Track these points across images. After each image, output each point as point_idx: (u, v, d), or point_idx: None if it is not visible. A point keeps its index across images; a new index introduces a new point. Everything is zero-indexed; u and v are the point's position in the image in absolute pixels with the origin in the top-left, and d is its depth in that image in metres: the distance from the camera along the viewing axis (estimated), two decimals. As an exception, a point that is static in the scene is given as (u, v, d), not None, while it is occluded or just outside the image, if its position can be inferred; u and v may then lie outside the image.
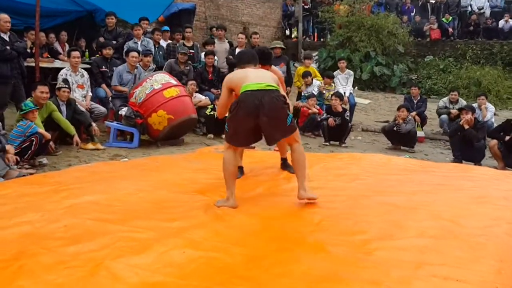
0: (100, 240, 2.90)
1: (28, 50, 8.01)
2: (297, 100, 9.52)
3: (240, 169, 4.81)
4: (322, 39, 18.11)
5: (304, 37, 17.94)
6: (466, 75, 14.96)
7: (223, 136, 4.34)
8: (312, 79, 9.40)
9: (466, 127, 6.77)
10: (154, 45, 9.19)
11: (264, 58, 4.38)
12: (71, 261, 2.60)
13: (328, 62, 15.54)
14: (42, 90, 5.83)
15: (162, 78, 6.99)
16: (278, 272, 2.51)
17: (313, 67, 10.44)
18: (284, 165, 5.09)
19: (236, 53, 4.55)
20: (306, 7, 17.61)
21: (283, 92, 3.98)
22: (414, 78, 15.82)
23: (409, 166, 5.54)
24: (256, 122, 3.60)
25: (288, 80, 9.15)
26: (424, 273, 2.47)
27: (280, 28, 18.19)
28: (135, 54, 7.54)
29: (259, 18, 16.88)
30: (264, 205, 3.75)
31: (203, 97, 8.18)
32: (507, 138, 6.44)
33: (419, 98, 9.56)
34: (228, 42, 10.14)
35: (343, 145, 7.96)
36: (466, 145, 6.85)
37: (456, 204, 3.77)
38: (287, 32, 18.67)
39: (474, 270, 2.49)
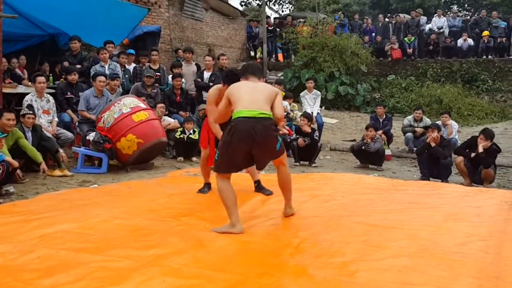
0: (75, 271, 2.82)
1: (-10, 76, 7.81)
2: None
3: (208, 185, 5.05)
4: (287, 60, 18.33)
5: (269, 58, 18.12)
6: (427, 93, 15.40)
7: (212, 166, 4.33)
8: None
9: (433, 144, 6.93)
10: (120, 68, 9.11)
11: (233, 80, 4.36)
12: (47, 295, 2.52)
13: (293, 82, 15.73)
14: (8, 118, 5.68)
15: (131, 102, 6.92)
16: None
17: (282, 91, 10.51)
18: (259, 187, 5.11)
19: (243, 64, 4.64)
20: (270, 28, 17.81)
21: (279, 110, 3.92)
22: (377, 97, 16.16)
23: (380, 185, 5.63)
24: (249, 148, 3.69)
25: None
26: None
27: (245, 49, 18.36)
28: (102, 78, 7.45)
29: (224, 40, 17.01)
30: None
31: (172, 120, 8.13)
32: (473, 154, 6.60)
33: (384, 116, 9.75)
34: (196, 64, 10.14)
35: (313, 164, 8.01)
36: (433, 162, 6.99)
37: (430, 223, 3.84)
38: (252, 53, 18.83)
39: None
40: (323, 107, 14.29)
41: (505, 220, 3.89)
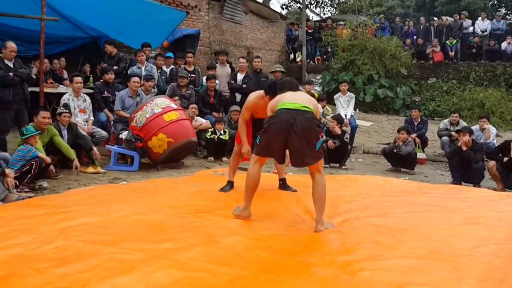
0: (88, 261, 2.94)
1: (34, 77, 8.19)
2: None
3: (230, 184, 5.14)
4: (326, 63, 18.26)
5: (308, 60, 18.12)
6: (469, 96, 15.04)
7: (245, 151, 4.60)
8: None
9: (464, 148, 6.79)
10: (157, 70, 9.35)
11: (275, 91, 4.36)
12: (58, 282, 2.64)
13: (331, 85, 15.65)
14: (44, 116, 5.96)
15: (162, 102, 7.10)
16: (261, 292, 2.54)
17: (314, 91, 10.51)
18: (283, 185, 5.18)
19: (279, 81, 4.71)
20: (309, 31, 17.81)
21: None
22: (417, 100, 15.92)
23: (406, 188, 5.57)
24: (286, 139, 3.70)
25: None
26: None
27: (284, 52, 18.41)
28: (136, 79, 7.69)
29: (263, 43, 17.12)
30: (257, 226, 3.79)
31: (204, 121, 8.29)
32: (505, 159, 6.44)
33: (419, 120, 9.59)
34: (230, 66, 10.27)
35: (343, 167, 7.99)
36: (464, 166, 6.86)
37: (447, 225, 3.79)
38: (291, 56, 18.87)
39: (454, 290, 2.51)
40: (358, 110, 14.19)
41: (526, 225, 3.79)
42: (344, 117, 9.90)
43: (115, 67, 8.65)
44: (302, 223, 3.92)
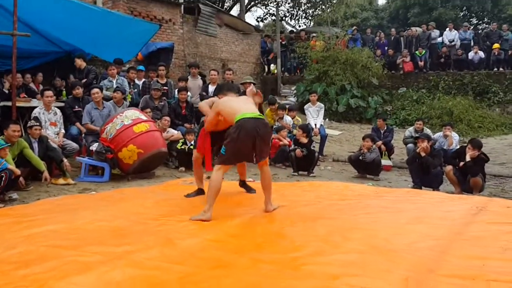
0: (49, 263, 3.11)
1: (6, 91, 8.32)
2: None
3: (201, 191, 5.45)
4: (302, 74, 18.60)
5: (283, 71, 18.46)
6: (438, 105, 15.49)
7: (216, 159, 4.82)
8: (283, 114, 9.72)
9: (423, 154, 7.09)
10: (129, 83, 9.55)
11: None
12: (19, 282, 2.81)
13: (305, 96, 15.90)
14: (14, 129, 6.10)
15: (132, 114, 7.29)
16: (207, 286, 2.74)
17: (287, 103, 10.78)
18: (244, 184, 5.66)
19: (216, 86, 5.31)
20: (283, 43, 18.16)
21: None
22: (389, 109, 16.31)
23: (364, 192, 5.83)
24: (253, 141, 4.37)
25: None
26: (339, 283, 2.71)
27: (259, 64, 18.71)
28: (95, 90, 7.88)
29: (237, 55, 17.41)
30: (215, 228, 4.00)
31: (175, 132, 8.48)
32: (461, 164, 6.74)
33: (385, 128, 9.94)
34: (202, 78, 10.51)
35: (311, 174, 8.23)
36: (424, 172, 7.15)
37: (392, 224, 4.05)
38: (266, 67, 19.17)
39: (383, 279, 2.74)
40: (331, 120, 14.53)
41: (466, 223, 4.06)
42: (314, 126, 10.20)
43: (84, 80, 8.81)
44: (258, 224, 4.13)
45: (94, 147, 7.12)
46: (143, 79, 10.13)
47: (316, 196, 5.39)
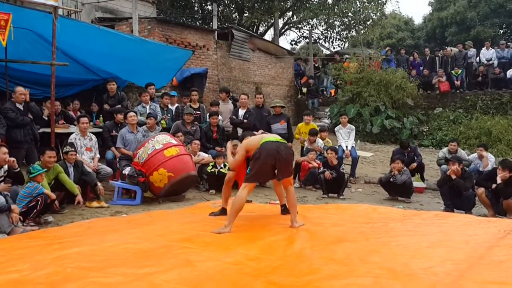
0: (73, 284, 3.25)
1: (45, 118, 8.71)
2: (301, 155, 9.91)
3: (223, 210, 5.74)
4: (336, 96, 18.60)
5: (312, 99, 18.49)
6: (476, 125, 15.16)
7: (244, 177, 5.12)
8: (316, 138, 9.75)
9: (454, 177, 6.98)
10: (162, 108, 9.82)
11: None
12: (43, 302, 2.96)
13: (339, 117, 15.91)
14: (49, 155, 6.38)
15: (163, 138, 7.50)
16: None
17: (313, 123, 10.82)
18: (286, 210, 5.66)
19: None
20: (316, 65, 18.26)
21: None
22: (425, 130, 16.09)
23: (390, 215, 5.79)
24: (275, 161, 4.90)
25: (289, 137, 9.59)
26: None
27: (293, 86, 18.84)
28: (131, 113, 8.13)
29: (271, 78, 17.61)
30: (235, 252, 4.06)
31: (206, 155, 8.64)
32: (494, 186, 6.61)
33: (409, 149, 9.84)
34: (232, 102, 10.69)
35: (341, 197, 8.21)
36: (455, 194, 7.04)
37: (413, 248, 4.02)
38: (302, 89, 19.25)
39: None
40: (365, 141, 14.44)
41: (489, 247, 3.99)
42: (345, 148, 10.19)
43: (118, 106, 9.12)
44: (278, 247, 4.17)
45: (126, 171, 7.34)
46: (176, 104, 10.39)
47: (340, 219, 5.39)
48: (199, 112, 10.06)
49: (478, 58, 17.19)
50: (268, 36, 22.75)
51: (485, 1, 28.46)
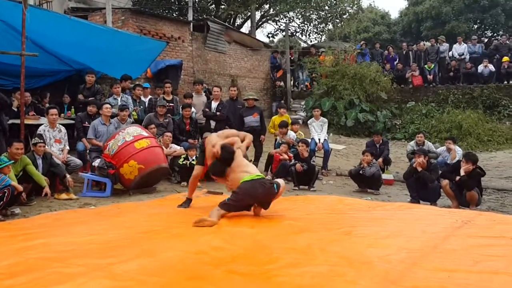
0: (33, 274, 3.27)
1: (15, 109, 8.61)
2: (274, 147, 9.99)
3: (189, 201, 5.91)
4: (312, 89, 18.73)
5: (293, 87, 18.64)
6: (448, 119, 15.46)
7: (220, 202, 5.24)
8: (287, 130, 9.84)
9: (419, 169, 7.14)
10: (135, 100, 9.78)
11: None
12: (1, 292, 2.98)
13: (313, 110, 16.07)
14: (17, 147, 6.31)
15: (134, 130, 7.49)
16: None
17: (287, 115, 10.92)
18: None
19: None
20: (292, 58, 18.35)
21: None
22: (398, 123, 16.33)
23: (356, 206, 5.91)
24: (253, 201, 5.16)
25: (261, 129, 9.67)
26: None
27: (269, 79, 18.90)
28: (107, 105, 8.11)
29: (247, 71, 17.63)
30: (198, 242, 4.12)
31: (178, 147, 8.65)
32: (457, 178, 6.77)
33: (381, 142, 10.02)
34: (206, 95, 10.71)
35: (312, 189, 8.31)
36: (421, 186, 7.19)
37: (373, 237, 4.13)
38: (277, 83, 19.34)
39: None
40: (331, 134, 14.59)
41: (445, 236, 4.12)
42: (317, 141, 10.30)
43: (91, 98, 9.06)
44: (240, 237, 4.24)
45: (96, 163, 7.33)
46: (150, 96, 10.36)
47: (306, 210, 5.48)
48: (172, 104, 10.06)
49: (450, 53, 17.49)
50: (245, 28, 22.76)
51: (460, -4, 28.88)
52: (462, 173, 6.64)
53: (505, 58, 15.92)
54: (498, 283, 2.91)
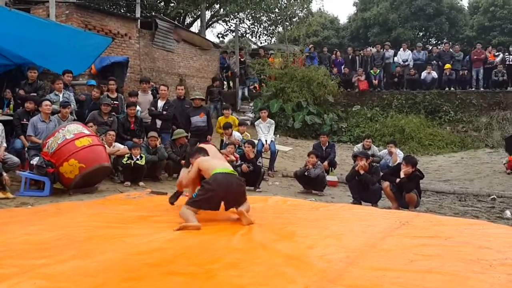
0: (-37, 276, 3.11)
1: None
2: (220, 148, 9.94)
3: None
4: (261, 90, 18.84)
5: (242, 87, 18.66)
6: (391, 123, 15.97)
7: (186, 200, 5.01)
8: (232, 131, 9.84)
9: (362, 172, 7.31)
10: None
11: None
12: None
13: (262, 112, 16.15)
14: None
15: (75, 128, 7.27)
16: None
17: (233, 116, 10.94)
18: None
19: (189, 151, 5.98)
20: (241, 59, 18.39)
21: None
22: (344, 126, 16.67)
23: (300, 207, 5.97)
24: (223, 194, 4.79)
25: (208, 129, 9.63)
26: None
27: (218, 79, 18.81)
28: (47, 102, 7.85)
29: (195, 70, 17.51)
30: (138, 243, 4.03)
31: (122, 146, 8.48)
32: (397, 180, 6.97)
33: (327, 144, 10.20)
34: (152, 94, 10.55)
35: (257, 190, 8.34)
36: (363, 188, 7.37)
37: (315, 237, 4.19)
38: (225, 83, 19.34)
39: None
40: (278, 136, 14.77)
41: (383, 237, 4.22)
42: (264, 142, 10.36)
43: (34, 94, 8.74)
44: (183, 238, 4.19)
45: (34, 161, 7.07)
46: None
47: (251, 210, 5.46)
48: (117, 102, 9.85)
49: (396, 59, 18.02)
50: (195, 28, 22.60)
51: (406, 4, 29.86)
52: (402, 175, 6.84)
53: (447, 65, 16.57)
54: (431, 281, 3.00)
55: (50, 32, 9.57)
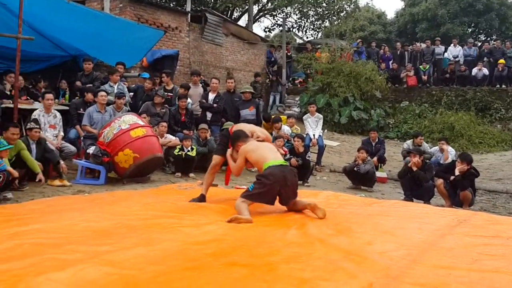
0: (29, 260, 3.21)
1: (8, 93, 8.49)
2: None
3: (203, 197, 5.58)
4: (307, 85, 18.73)
5: (288, 82, 18.60)
6: (440, 120, 15.55)
7: (242, 193, 4.95)
8: (281, 125, 9.83)
9: (415, 169, 7.16)
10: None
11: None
12: (-2, 276, 2.92)
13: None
14: (13, 132, 6.25)
15: (130, 119, 7.43)
16: (177, 286, 2.83)
17: (287, 113, 10.92)
18: None
19: (234, 132, 5.55)
20: (288, 54, 18.31)
21: None
22: (391, 122, 16.38)
23: (352, 202, 5.90)
24: (280, 188, 4.78)
25: (257, 123, 9.62)
26: (307, 286, 2.80)
27: (264, 73, 18.83)
28: (103, 93, 8.05)
29: (243, 64, 17.57)
30: (196, 234, 4.08)
31: (173, 138, 8.61)
32: (452, 178, 6.80)
33: (377, 140, 10.04)
34: (202, 86, 10.65)
35: (306, 184, 8.31)
36: (416, 185, 7.22)
37: (371, 233, 4.13)
38: (271, 77, 19.26)
39: (349, 284, 2.84)
40: (326, 130, 14.62)
41: (442, 235, 4.12)
42: (312, 136, 10.30)
43: (89, 85, 8.98)
44: (240, 230, 4.21)
45: (91, 150, 7.26)
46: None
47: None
48: (171, 94, 9.99)
49: (446, 54, 17.56)
50: (242, 22, 22.69)
51: (455, 0, 28.97)
52: (456, 173, 6.67)
53: (501, 61, 16.01)
54: (500, 281, 2.91)
55: (105, 24, 9.82)
